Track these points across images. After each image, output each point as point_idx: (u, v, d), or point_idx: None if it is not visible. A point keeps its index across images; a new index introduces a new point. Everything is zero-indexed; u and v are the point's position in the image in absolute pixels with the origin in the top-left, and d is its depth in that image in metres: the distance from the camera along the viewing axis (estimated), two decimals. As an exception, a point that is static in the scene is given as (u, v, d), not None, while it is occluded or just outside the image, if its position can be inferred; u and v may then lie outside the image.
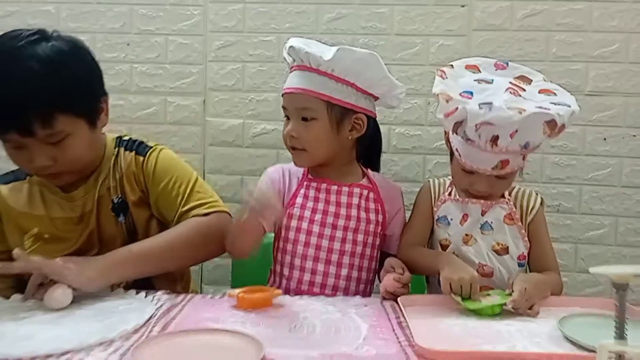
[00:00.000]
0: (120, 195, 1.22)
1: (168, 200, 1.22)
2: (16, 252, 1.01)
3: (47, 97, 1.05)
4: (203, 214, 1.21)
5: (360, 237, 1.29)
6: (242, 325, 0.94)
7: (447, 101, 1.17)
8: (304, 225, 1.28)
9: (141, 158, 1.25)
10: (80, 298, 1.03)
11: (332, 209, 1.29)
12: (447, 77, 1.24)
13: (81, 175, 1.21)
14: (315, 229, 1.28)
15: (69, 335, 0.87)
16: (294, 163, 1.33)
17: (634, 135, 1.71)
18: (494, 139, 1.14)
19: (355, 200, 1.30)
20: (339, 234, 1.28)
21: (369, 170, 1.38)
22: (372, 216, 1.31)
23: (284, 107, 1.31)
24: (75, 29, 1.74)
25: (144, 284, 1.17)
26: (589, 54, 1.72)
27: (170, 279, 1.27)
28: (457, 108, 1.15)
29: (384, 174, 1.78)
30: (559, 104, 1.15)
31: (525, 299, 1.04)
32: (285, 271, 1.28)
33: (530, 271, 1.28)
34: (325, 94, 1.24)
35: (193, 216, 1.20)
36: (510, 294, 1.05)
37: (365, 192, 1.31)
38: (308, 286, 1.25)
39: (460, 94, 1.18)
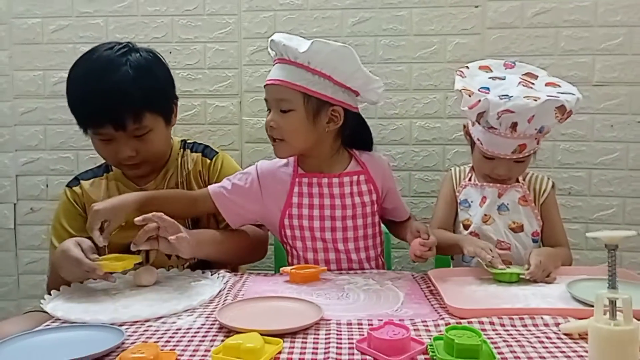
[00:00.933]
0: (187, 189, 1.41)
1: None
2: (136, 219, 1.16)
3: (140, 97, 1.27)
4: (257, 225, 1.42)
5: (359, 222, 1.36)
6: (297, 295, 1.10)
7: (469, 95, 1.33)
8: (305, 222, 1.35)
9: (208, 161, 1.46)
10: (157, 278, 1.22)
11: (327, 201, 1.34)
12: (465, 76, 1.40)
13: (154, 168, 1.41)
14: (316, 224, 1.34)
15: (159, 305, 1.05)
16: (275, 154, 1.36)
17: (639, 122, 1.84)
18: (514, 125, 1.30)
19: (347, 189, 1.36)
20: (339, 224, 1.34)
21: (355, 151, 1.42)
22: (367, 198, 1.37)
23: (265, 100, 1.34)
24: (122, 40, 1.91)
25: (204, 265, 1.35)
26: (595, 47, 1.84)
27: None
28: (479, 100, 1.30)
29: (406, 164, 1.95)
30: (565, 93, 1.32)
31: (542, 269, 1.20)
32: None
33: (543, 246, 1.43)
34: (302, 86, 1.27)
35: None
36: (527, 268, 1.21)
37: (355, 177, 1.37)
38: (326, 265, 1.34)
39: (478, 90, 1.34)
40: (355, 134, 1.40)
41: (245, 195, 1.36)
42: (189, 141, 1.52)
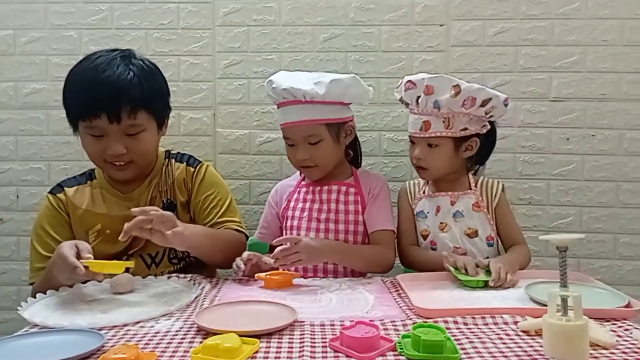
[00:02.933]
0: (169, 198, 1.45)
1: (207, 208, 1.46)
2: (134, 210, 1.18)
3: (139, 95, 1.31)
4: (234, 229, 1.45)
5: (341, 227, 1.48)
6: (272, 299, 1.14)
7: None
8: (295, 222, 1.51)
9: (192, 169, 1.50)
10: (134, 286, 1.24)
11: (316, 206, 1.51)
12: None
13: (139, 174, 1.44)
14: (304, 224, 1.49)
15: (137, 310, 1.07)
16: (309, 178, 1.55)
17: (593, 135, 1.94)
18: (417, 99, 1.46)
19: (334, 196, 1.51)
20: (322, 226, 1.48)
21: (355, 169, 1.59)
22: (351, 207, 1.50)
23: (287, 138, 1.51)
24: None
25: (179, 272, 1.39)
26: (552, 65, 1.94)
27: (200, 270, 1.48)
28: (401, 81, 1.52)
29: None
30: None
31: (503, 274, 1.25)
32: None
33: (503, 246, 1.51)
34: (323, 119, 1.46)
35: (227, 228, 1.44)
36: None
37: (344, 187, 1.52)
38: (303, 273, 1.43)
39: None
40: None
41: (276, 215, 1.60)
42: (172, 152, 1.56)
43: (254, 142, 2.01)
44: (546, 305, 1.03)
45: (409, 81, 1.47)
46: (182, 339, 0.93)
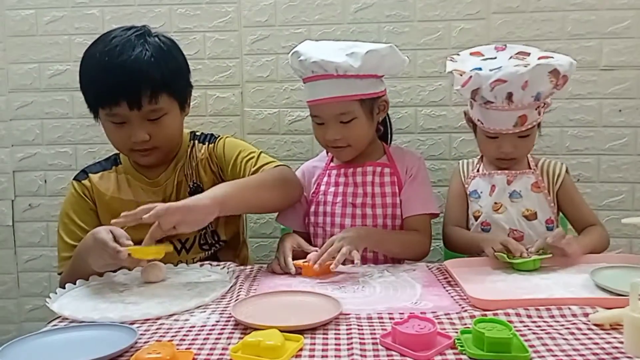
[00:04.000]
0: (195, 181, 1.38)
1: (241, 166, 1.36)
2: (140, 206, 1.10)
3: (158, 77, 1.23)
4: (275, 166, 1.35)
5: (378, 211, 1.38)
6: (312, 289, 1.07)
7: (461, 74, 1.32)
8: (328, 208, 1.40)
9: (212, 145, 1.42)
10: (166, 275, 1.18)
11: (350, 189, 1.40)
12: (456, 61, 1.40)
13: (165, 158, 1.37)
14: (338, 210, 1.39)
15: (170, 302, 1.01)
16: (339, 159, 1.44)
17: (647, 106, 1.81)
18: (509, 96, 1.28)
19: (369, 178, 1.39)
20: (358, 211, 1.38)
21: (387, 147, 1.49)
22: (388, 189, 1.39)
23: (315, 116, 1.38)
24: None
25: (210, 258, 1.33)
26: (602, 31, 1.80)
27: (232, 255, 1.42)
28: (471, 76, 1.30)
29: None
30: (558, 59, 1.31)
31: (561, 235, 1.16)
32: None
33: (576, 230, 1.41)
34: (357, 94, 1.33)
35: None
36: (545, 253, 1.18)
37: (379, 168, 1.40)
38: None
39: (470, 70, 1.32)
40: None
41: (303, 199, 1.47)
42: (197, 133, 1.49)
43: (283, 121, 1.92)
44: (618, 295, 0.95)
45: (498, 80, 1.26)
46: (219, 334, 0.86)
